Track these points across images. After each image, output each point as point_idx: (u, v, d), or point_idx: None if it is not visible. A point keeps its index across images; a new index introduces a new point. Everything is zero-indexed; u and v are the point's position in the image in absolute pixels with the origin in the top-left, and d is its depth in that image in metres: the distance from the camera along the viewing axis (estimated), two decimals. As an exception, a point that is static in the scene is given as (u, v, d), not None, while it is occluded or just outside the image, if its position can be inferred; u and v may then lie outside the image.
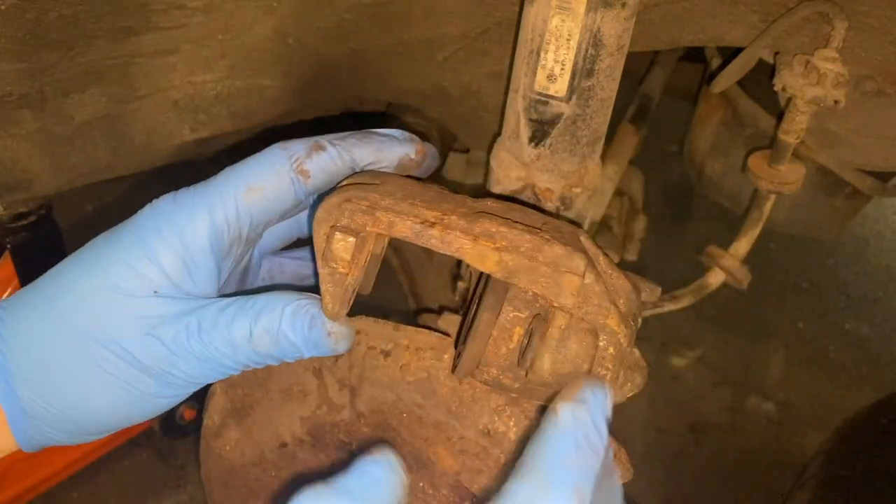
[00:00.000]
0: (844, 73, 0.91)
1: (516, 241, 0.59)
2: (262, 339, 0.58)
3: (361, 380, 0.71)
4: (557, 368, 0.61)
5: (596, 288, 0.61)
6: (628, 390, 0.69)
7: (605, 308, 0.61)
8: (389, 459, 0.51)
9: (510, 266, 0.59)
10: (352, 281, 0.63)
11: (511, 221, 0.61)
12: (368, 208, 0.60)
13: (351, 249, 0.60)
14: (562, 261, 0.59)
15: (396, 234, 0.60)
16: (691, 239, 2.60)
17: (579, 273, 0.58)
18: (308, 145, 0.62)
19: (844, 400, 2.10)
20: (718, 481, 1.88)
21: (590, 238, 0.67)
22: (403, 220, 0.60)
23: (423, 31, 1.00)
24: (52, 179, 0.95)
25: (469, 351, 0.62)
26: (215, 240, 0.58)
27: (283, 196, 0.61)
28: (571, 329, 0.60)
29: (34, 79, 0.85)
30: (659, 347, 2.18)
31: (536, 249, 0.59)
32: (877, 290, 2.57)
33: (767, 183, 1.11)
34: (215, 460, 0.78)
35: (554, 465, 0.48)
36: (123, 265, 0.56)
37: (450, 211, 0.61)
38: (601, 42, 0.75)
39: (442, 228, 0.59)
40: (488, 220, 0.60)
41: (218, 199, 0.58)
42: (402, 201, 0.61)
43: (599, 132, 0.84)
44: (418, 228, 0.59)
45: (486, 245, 0.59)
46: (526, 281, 0.59)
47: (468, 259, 0.59)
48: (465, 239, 0.59)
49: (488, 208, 0.64)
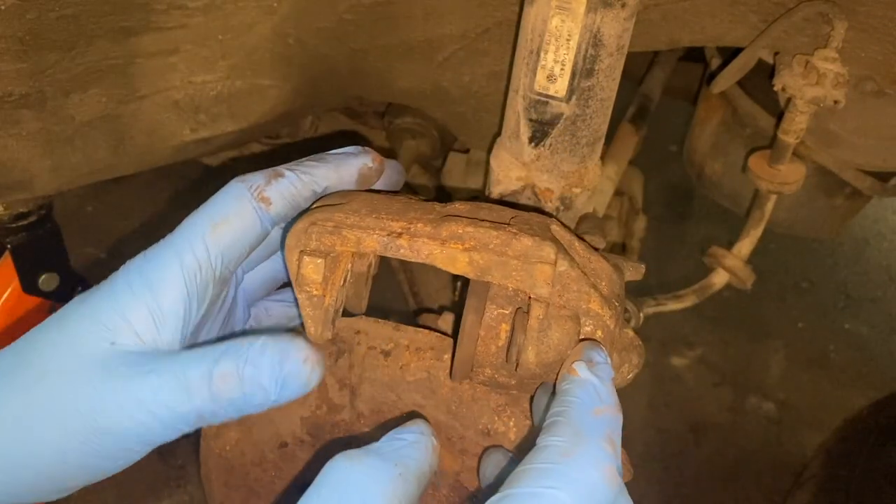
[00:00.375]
0: (844, 73, 0.91)
1: (484, 239, 0.60)
2: (224, 382, 0.52)
3: (361, 380, 0.71)
4: (543, 359, 0.61)
5: (572, 273, 0.61)
6: (627, 371, 0.69)
7: (586, 293, 0.61)
8: (421, 427, 0.53)
9: (481, 264, 0.59)
10: (330, 301, 0.64)
11: (478, 220, 0.61)
12: (335, 228, 0.60)
13: (321, 270, 0.60)
14: (531, 252, 0.59)
15: (365, 249, 0.61)
16: (691, 239, 2.60)
17: (550, 262, 0.58)
18: (266, 174, 0.62)
19: (844, 400, 2.10)
20: (718, 481, 1.88)
21: (563, 226, 0.67)
22: (370, 234, 0.60)
23: (424, 31, 1.00)
24: (52, 179, 0.95)
25: (459, 355, 0.63)
26: (190, 284, 0.56)
27: (248, 226, 0.60)
28: (552, 318, 0.60)
29: (34, 79, 0.85)
30: (659, 347, 2.18)
31: (505, 244, 0.59)
32: (877, 290, 2.57)
33: (767, 183, 1.11)
34: (215, 460, 0.78)
35: (584, 416, 0.50)
36: (91, 321, 0.54)
37: (416, 219, 0.61)
38: (601, 42, 0.75)
39: (409, 237, 0.60)
40: (455, 222, 0.61)
41: (185, 243, 0.57)
42: (367, 216, 0.61)
43: (599, 132, 0.84)
44: (385, 241, 0.60)
45: (455, 247, 0.59)
46: (499, 277, 0.59)
47: (438, 263, 0.60)
48: (433, 244, 0.59)
49: (455, 211, 0.64)
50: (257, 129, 1.12)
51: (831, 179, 1.22)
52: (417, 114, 1.36)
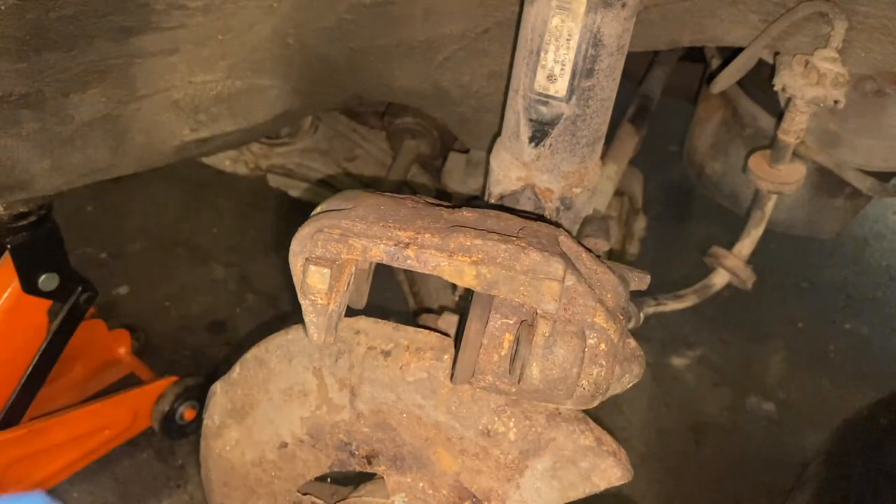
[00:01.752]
0: (844, 73, 0.91)
1: (492, 252, 0.60)
2: None
3: (361, 380, 0.71)
4: (547, 375, 0.61)
5: (579, 288, 0.61)
6: (627, 381, 0.69)
7: (592, 307, 0.61)
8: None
9: (488, 278, 0.59)
10: (334, 307, 0.64)
11: (486, 232, 0.61)
12: (341, 236, 0.60)
13: (327, 280, 0.60)
14: (539, 267, 0.59)
15: (372, 258, 0.61)
16: (691, 239, 2.60)
17: (558, 278, 0.58)
18: None
19: (844, 400, 2.10)
20: (718, 481, 1.88)
21: (570, 236, 0.67)
22: (377, 244, 0.60)
23: (423, 31, 1.00)
24: (52, 179, 0.95)
25: (461, 362, 0.63)
26: None
27: None
28: (557, 334, 0.61)
29: (34, 79, 0.85)
30: (659, 347, 2.18)
31: (513, 258, 0.59)
32: (877, 290, 2.56)
33: (768, 183, 1.11)
34: (215, 460, 0.78)
35: None
36: None
37: (423, 229, 0.61)
38: (601, 42, 0.75)
39: (416, 248, 0.60)
40: (463, 233, 0.61)
41: None
42: (374, 224, 0.61)
43: (599, 132, 0.84)
44: (393, 251, 0.60)
45: (463, 260, 0.59)
46: (506, 291, 0.59)
47: (446, 276, 0.60)
48: (440, 256, 0.60)
49: (463, 220, 0.64)
50: (257, 129, 1.12)
51: (831, 179, 1.22)
52: (417, 114, 1.36)
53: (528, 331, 0.61)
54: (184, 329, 2.03)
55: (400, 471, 0.73)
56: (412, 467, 0.73)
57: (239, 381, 0.78)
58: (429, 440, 0.71)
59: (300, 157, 1.80)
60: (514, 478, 0.70)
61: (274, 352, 0.76)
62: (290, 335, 0.75)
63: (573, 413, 0.69)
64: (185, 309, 2.10)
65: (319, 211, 0.65)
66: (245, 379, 0.77)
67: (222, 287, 2.19)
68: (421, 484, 0.73)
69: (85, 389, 1.63)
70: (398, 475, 0.74)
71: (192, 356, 1.96)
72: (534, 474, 0.70)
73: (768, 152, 1.12)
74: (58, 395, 1.53)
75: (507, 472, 0.70)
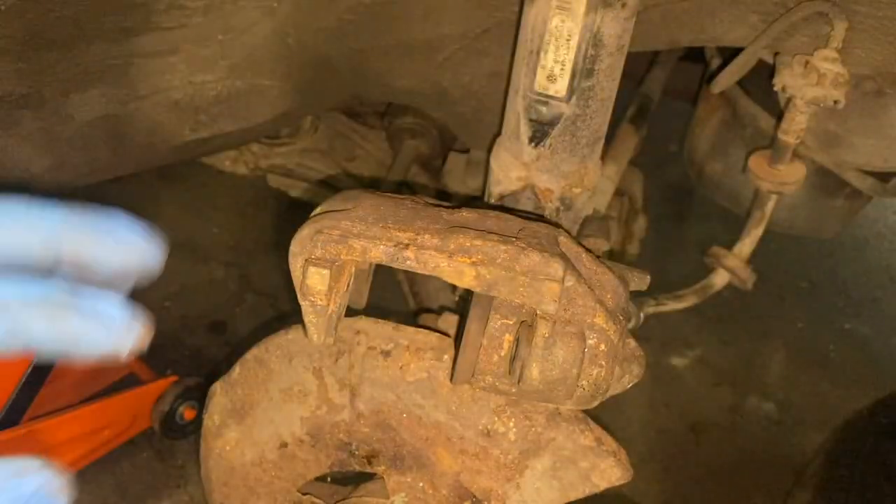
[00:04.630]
0: (844, 73, 0.91)
1: (492, 253, 0.60)
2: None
3: (361, 380, 0.71)
4: (546, 376, 0.61)
5: (579, 289, 0.61)
6: (627, 381, 0.69)
7: (591, 308, 0.61)
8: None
9: (488, 279, 0.59)
10: (334, 308, 0.64)
11: (486, 233, 0.61)
12: (341, 237, 0.60)
13: (327, 281, 0.60)
14: (539, 268, 0.59)
15: (371, 259, 0.61)
16: (691, 239, 2.60)
17: (558, 279, 0.58)
18: None
19: (844, 400, 2.10)
20: (718, 481, 1.88)
21: (570, 236, 0.67)
22: (377, 245, 0.60)
23: (423, 32, 1.00)
24: (52, 179, 0.95)
25: (460, 362, 0.63)
26: None
27: None
28: (557, 335, 0.61)
29: (34, 79, 0.85)
30: (659, 347, 2.18)
31: (513, 259, 0.59)
32: (877, 290, 2.56)
33: (768, 183, 1.11)
34: (215, 460, 0.78)
35: None
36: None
37: (423, 229, 0.61)
38: (601, 42, 0.75)
39: (416, 249, 0.60)
40: (462, 234, 0.61)
41: None
42: (374, 225, 0.61)
43: (599, 132, 0.84)
44: (392, 252, 0.60)
45: (462, 261, 0.59)
46: (506, 292, 0.59)
47: (445, 277, 0.60)
48: (440, 257, 0.59)
49: (463, 220, 0.64)
50: (257, 129, 1.12)
51: (831, 179, 1.22)
52: (417, 114, 1.36)
53: (527, 331, 0.60)
54: (184, 329, 2.03)
55: (400, 471, 0.74)
56: (412, 467, 0.73)
57: (239, 381, 0.78)
58: (429, 440, 0.71)
59: (300, 157, 1.81)
60: (514, 478, 0.70)
61: (274, 352, 0.76)
62: (290, 335, 0.75)
63: (573, 413, 0.69)
64: (184, 309, 2.09)
65: (319, 211, 0.65)
66: (245, 379, 0.77)
67: (222, 287, 2.19)
68: (421, 484, 0.73)
69: (85, 389, 1.63)
70: (398, 475, 0.74)
71: (191, 356, 1.96)
72: (534, 474, 0.70)
73: (768, 152, 1.12)
74: (58, 395, 1.53)
75: (507, 472, 0.70)
